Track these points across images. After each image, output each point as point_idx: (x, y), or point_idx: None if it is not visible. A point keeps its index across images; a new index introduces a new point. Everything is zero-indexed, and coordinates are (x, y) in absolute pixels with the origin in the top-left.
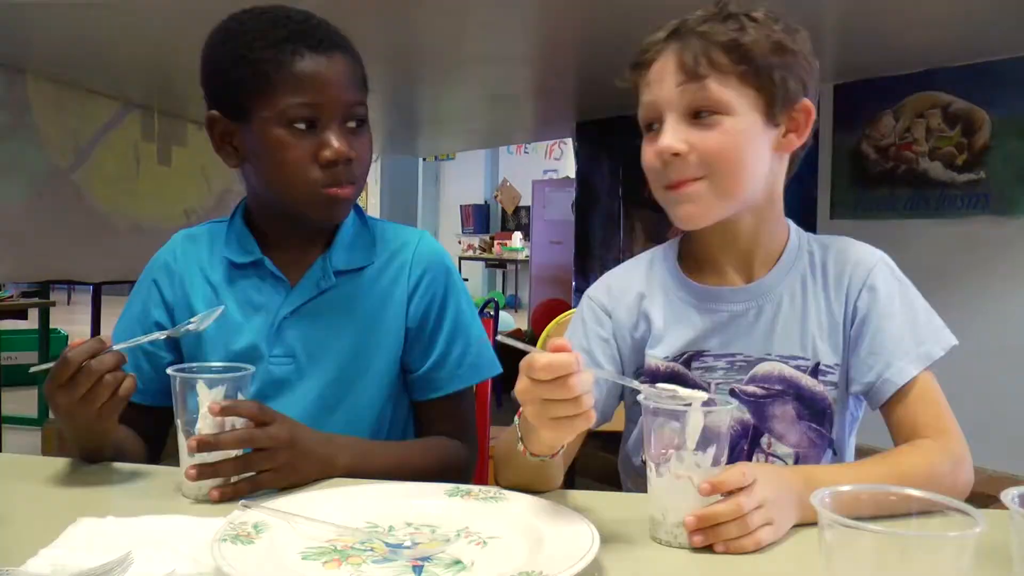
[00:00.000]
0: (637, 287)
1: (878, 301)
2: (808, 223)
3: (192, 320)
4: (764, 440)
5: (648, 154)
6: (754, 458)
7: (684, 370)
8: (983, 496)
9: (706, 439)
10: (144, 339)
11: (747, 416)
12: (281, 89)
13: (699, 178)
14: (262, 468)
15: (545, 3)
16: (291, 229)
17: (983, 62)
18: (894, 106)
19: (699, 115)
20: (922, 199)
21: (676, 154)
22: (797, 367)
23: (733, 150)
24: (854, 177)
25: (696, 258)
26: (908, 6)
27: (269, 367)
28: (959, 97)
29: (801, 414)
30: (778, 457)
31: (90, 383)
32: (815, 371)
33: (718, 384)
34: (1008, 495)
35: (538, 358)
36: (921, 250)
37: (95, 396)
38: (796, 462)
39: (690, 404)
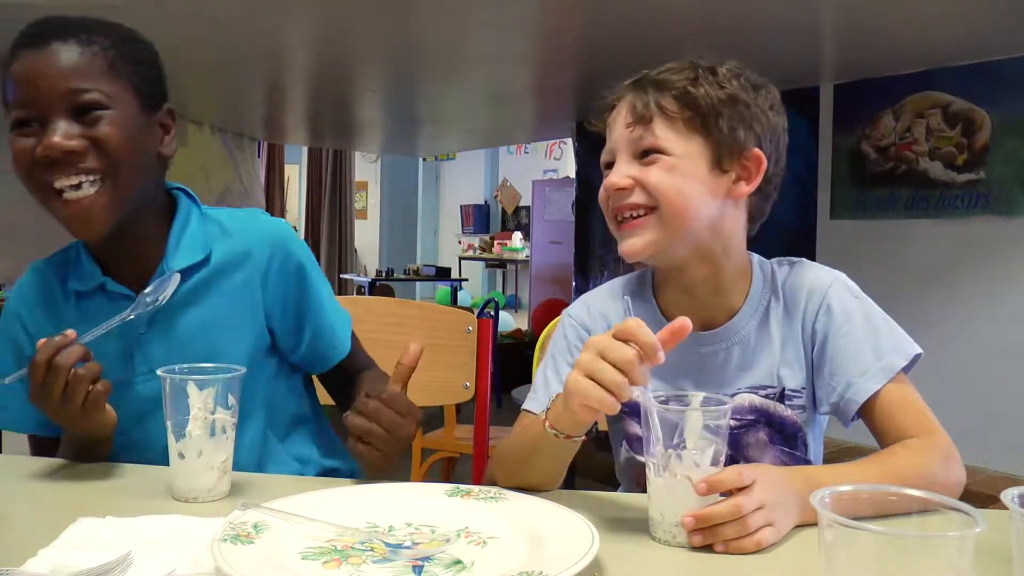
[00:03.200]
0: (612, 315)
1: (834, 321)
2: (808, 223)
3: (147, 291)
4: None
5: (601, 192)
6: None
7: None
8: (983, 496)
9: (705, 439)
10: (111, 323)
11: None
12: (8, 96)
13: (649, 210)
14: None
15: (545, 3)
16: (121, 241)
17: (983, 62)
18: (894, 106)
19: (645, 154)
20: (922, 199)
21: (621, 189)
22: (767, 396)
23: (672, 184)
24: (854, 177)
25: (664, 301)
26: (908, 6)
27: (138, 388)
28: (959, 97)
29: (773, 439)
30: None
31: (63, 380)
32: (781, 396)
33: None
34: (1008, 495)
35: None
36: (921, 250)
37: (73, 392)
38: None
39: (689, 403)
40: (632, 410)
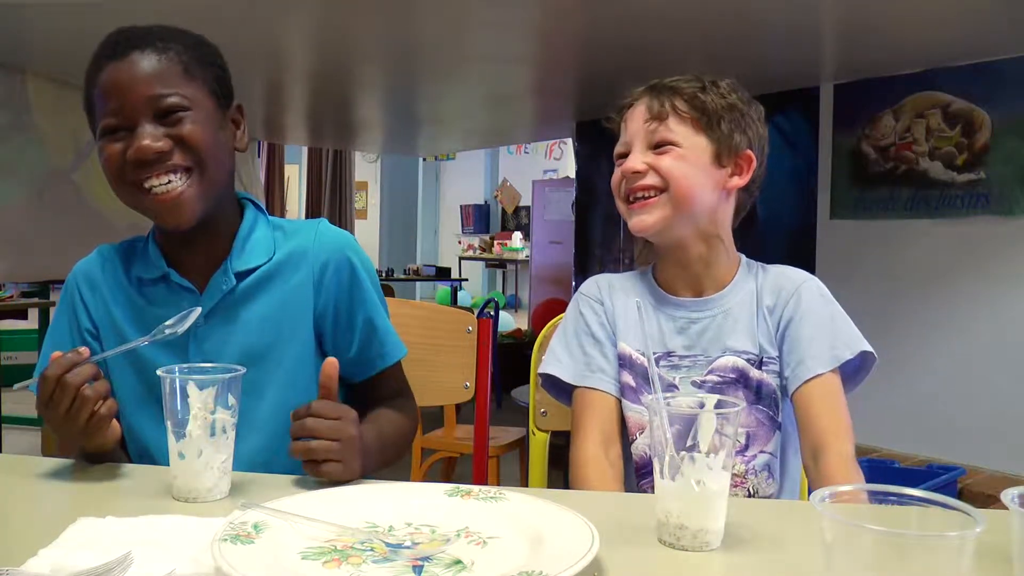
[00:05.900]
0: (617, 289)
1: (799, 311)
2: (808, 223)
3: (168, 323)
4: None
5: (616, 175)
6: None
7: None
8: (983, 496)
9: (717, 442)
10: (122, 348)
11: None
12: (96, 107)
13: (659, 191)
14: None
15: (545, 3)
16: (193, 235)
17: (983, 62)
18: (894, 106)
19: (658, 146)
20: (922, 199)
21: (637, 172)
22: (748, 360)
23: (681, 169)
24: (854, 177)
25: (662, 277)
26: (908, 6)
27: None
28: (959, 97)
29: (749, 398)
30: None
31: (70, 398)
32: (760, 363)
33: (682, 378)
34: (1008, 495)
35: None
36: (921, 250)
37: (78, 411)
38: (747, 440)
39: (703, 407)
40: (623, 363)
